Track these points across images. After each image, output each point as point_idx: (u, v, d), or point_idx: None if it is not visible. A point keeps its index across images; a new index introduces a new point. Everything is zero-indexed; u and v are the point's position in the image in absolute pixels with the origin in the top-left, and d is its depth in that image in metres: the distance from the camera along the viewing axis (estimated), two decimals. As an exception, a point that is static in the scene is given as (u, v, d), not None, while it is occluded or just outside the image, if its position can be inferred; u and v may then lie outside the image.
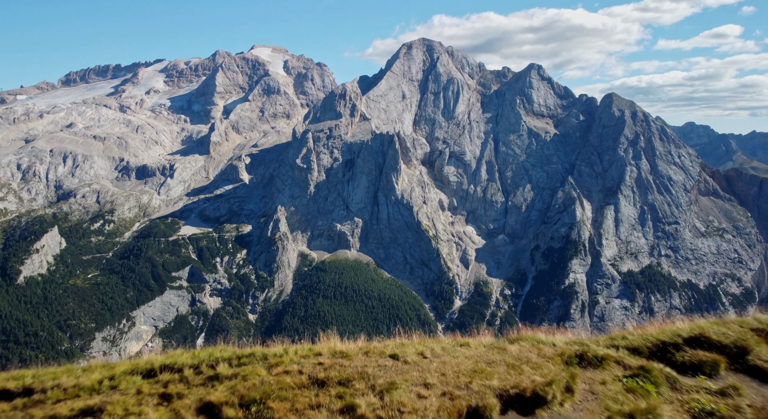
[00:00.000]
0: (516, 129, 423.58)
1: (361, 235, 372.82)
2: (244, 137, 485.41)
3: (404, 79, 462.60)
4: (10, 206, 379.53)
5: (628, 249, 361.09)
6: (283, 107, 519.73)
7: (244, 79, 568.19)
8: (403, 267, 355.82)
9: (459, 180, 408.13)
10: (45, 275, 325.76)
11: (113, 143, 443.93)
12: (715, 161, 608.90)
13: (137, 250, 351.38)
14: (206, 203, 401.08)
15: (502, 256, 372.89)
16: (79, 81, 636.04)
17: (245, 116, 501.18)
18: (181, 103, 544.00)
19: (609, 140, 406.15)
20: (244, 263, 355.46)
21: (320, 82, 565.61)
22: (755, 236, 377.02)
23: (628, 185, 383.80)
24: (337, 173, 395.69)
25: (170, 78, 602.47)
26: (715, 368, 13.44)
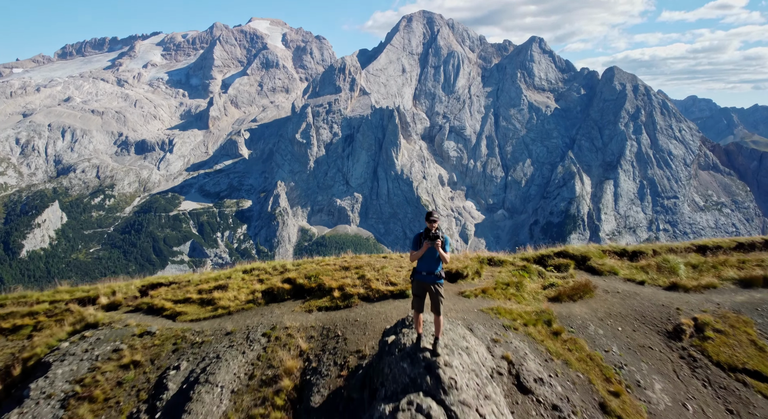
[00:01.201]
0: (516, 103, 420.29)
1: (361, 210, 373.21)
2: (243, 111, 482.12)
3: (404, 53, 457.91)
4: (10, 181, 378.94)
5: (626, 223, 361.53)
6: (282, 81, 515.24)
7: (242, 52, 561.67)
8: (402, 242, 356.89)
9: (459, 155, 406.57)
10: (47, 249, 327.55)
11: (111, 118, 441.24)
12: (717, 135, 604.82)
13: (138, 225, 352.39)
14: (206, 178, 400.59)
15: (501, 231, 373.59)
16: (75, 54, 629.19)
17: (244, 91, 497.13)
18: (179, 77, 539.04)
19: (610, 114, 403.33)
20: (244, 238, 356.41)
21: (319, 56, 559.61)
22: (754, 210, 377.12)
23: (628, 159, 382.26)
24: (337, 148, 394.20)
25: (167, 51, 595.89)
26: (567, 267, 22.04)
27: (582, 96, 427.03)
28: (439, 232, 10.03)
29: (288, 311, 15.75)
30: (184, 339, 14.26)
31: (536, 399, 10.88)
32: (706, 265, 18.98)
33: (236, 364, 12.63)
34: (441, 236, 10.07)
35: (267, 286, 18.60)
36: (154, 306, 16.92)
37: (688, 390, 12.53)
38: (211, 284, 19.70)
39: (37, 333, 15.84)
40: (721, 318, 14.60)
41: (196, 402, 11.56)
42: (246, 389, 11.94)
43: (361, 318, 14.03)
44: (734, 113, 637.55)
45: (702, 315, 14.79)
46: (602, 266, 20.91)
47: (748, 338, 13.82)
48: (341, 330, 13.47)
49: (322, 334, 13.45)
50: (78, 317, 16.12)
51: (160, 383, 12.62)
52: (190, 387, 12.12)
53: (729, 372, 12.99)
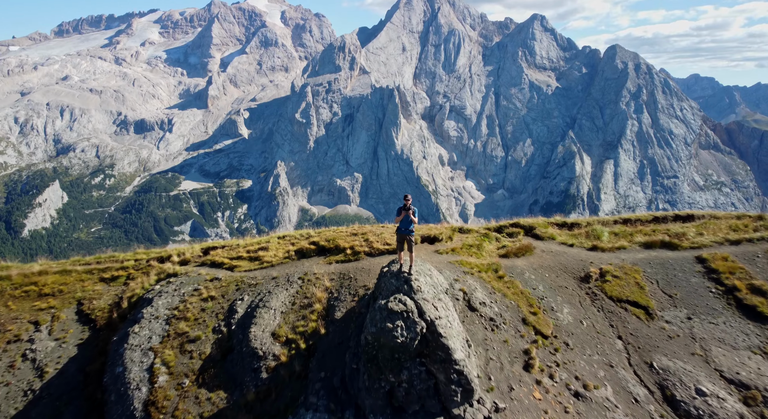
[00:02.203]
0: (517, 82, 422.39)
1: (361, 190, 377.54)
2: (242, 90, 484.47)
3: (404, 31, 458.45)
4: (10, 160, 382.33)
5: (626, 203, 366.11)
6: (281, 60, 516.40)
7: (240, 30, 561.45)
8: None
9: (459, 135, 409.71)
10: (49, 228, 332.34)
11: (110, 97, 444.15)
12: (718, 113, 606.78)
13: (139, 204, 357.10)
14: (206, 158, 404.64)
15: (501, 211, 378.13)
16: (72, 32, 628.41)
17: (243, 70, 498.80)
18: (177, 55, 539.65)
19: (611, 93, 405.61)
20: (245, 217, 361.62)
21: (319, 34, 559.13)
22: (753, 189, 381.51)
23: (628, 139, 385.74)
24: (337, 128, 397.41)
25: (165, 29, 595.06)
26: (518, 234, 27.83)
27: (583, 75, 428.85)
28: (411, 206, 16.06)
29: (314, 263, 21.96)
30: (242, 282, 20.64)
31: (480, 314, 17.29)
32: (625, 233, 25.33)
33: (282, 296, 19.01)
34: (412, 208, 16.00)
35: (298, 247, 24.16)
36: (216, 262, 23.21)
37: (586, 313, 18.98)
38: (255, 246, 24.94)
39: (131, 281, 22.26)
40: (620, 268, 21.03)
41: (259, 318, 17.99)
42: (290, 310, 18.34)
43: (366, 266, 20.34)
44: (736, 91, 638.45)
45: (607, 266, 21.24)
46: (544, 234, 26.61)
47: (635, 281, 20.25)
48: (353, 274, 19.79)
49: (339, 277, 19.79)
50: (159, 269, 22.54)
51: (231, 308, 19.07)
52: (253, 310, 18.53)
53: (617, 302, 19.45)
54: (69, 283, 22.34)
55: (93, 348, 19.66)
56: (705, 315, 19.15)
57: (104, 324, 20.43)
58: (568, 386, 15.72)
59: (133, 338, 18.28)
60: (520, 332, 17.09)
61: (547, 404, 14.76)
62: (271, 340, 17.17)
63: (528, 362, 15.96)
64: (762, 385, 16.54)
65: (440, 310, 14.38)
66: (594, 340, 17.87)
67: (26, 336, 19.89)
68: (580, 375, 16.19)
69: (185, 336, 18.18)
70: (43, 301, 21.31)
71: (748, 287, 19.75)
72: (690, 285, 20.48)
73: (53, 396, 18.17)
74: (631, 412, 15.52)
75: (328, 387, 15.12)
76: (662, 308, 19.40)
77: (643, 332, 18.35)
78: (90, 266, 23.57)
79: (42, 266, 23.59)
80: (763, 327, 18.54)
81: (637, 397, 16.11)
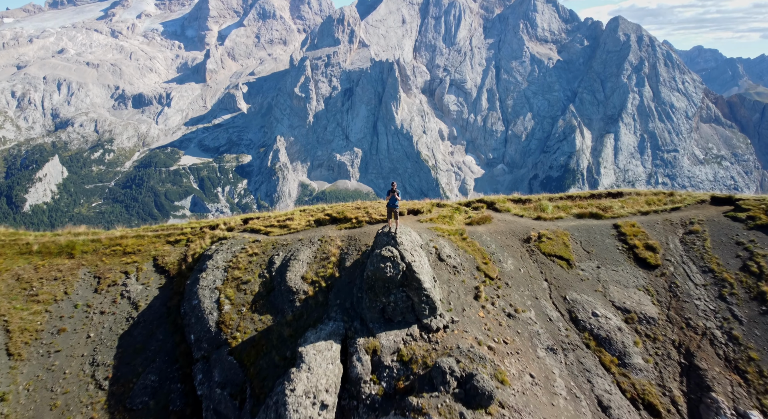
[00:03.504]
0: (518, 55, 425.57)
1: (360, 165, 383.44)
2: (240, 64, 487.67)
3: (404, 3, 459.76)
4: (9, 135, 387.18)
5: (625, 177, 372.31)
6: (279, 33, 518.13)
7: (237, 2, 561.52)
8: (402, 197, 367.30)
9: (459, 109, 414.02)
10: (50, 203, 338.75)
11: (107, 70, 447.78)
12: (721, 86, 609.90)
13: (139, 179, 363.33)
14: (205, 133, 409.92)
15: (501, 185, 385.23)
16: (66, 3, 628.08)
17: (241, 43, 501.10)
18: (174, 28, 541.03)
19: (613, 66, 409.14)
20: (245, 192, 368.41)
21: (317, 6, 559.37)
22: (753, 162, 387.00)
23: (629, 112, 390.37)
24: (336, 103, 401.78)
25: (161, 1, 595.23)
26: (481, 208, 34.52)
27: (585, 47, 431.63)
28: (396, 189, 23.89)
29: (329, 229, 29.90)
30: (277, 243, 28.72)
31: (446, 263, 25.36)
32: (565, 206, 33.19)
33: (307, 252, 27.07)
34: (397, 191, 23.78)
35: (316, 217, 31.58)
36: (254, 229, 31.23)
37: (524, 264, 27.08)
38: (283, 217, 32.50)
39: (191, 243, 30.35)
40: (554, 232, 29.06)
41: (291, 267, 26.12)
42: (313, 261, 26.44)
43: (367, 231, 28.26)
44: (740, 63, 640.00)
45: (544, 231, 29.25)
46: (502, 207, 33.69)
47: (563, 241, 28.30)
48: (357, 236, 27.74)
49: (348, 238, 27.76)
50: (212, 235, 30.62)
51: (271, 261, 27.20)
52: (286, 262, 26.67)
53: (547, 256, 27.53)
54: (144, 244, 30.46)
55: (169, 290, 27.92)
56: (610, 265, 27.27)
57: (175, 273, 28.67)
58: (503, 310, 23.84)
59: (203, 281, 26.49)
60: (474, 275, 25.14)
61: (487, 320, 22.86)
62: (301, 281, 25.32)
63: (477, 294, 24.04)
64: (639, 310, 24.74)
65: (415, 256, 22.42)
66: (527, 281, 25.99)
67: (120, 281, 28.15)
68: (513, 303, 24.33)
69: (239, 279, 26.38)
70: (128, 257, 29.50)
71: (644, 245, 27.79)
72: (604, 244, 28.55)
73: (147, 321, 26.46)
74: (546, 326, 23.71)
75: (342, 308, 23.27)
76: (580, 260, 27.50)
77: (563, 276, 26.46)
78: (157, 232, 31.63)
79: (121, 232, 31.76)
80: (649, 272, 26.67)
81: (551, 317, 24.29)
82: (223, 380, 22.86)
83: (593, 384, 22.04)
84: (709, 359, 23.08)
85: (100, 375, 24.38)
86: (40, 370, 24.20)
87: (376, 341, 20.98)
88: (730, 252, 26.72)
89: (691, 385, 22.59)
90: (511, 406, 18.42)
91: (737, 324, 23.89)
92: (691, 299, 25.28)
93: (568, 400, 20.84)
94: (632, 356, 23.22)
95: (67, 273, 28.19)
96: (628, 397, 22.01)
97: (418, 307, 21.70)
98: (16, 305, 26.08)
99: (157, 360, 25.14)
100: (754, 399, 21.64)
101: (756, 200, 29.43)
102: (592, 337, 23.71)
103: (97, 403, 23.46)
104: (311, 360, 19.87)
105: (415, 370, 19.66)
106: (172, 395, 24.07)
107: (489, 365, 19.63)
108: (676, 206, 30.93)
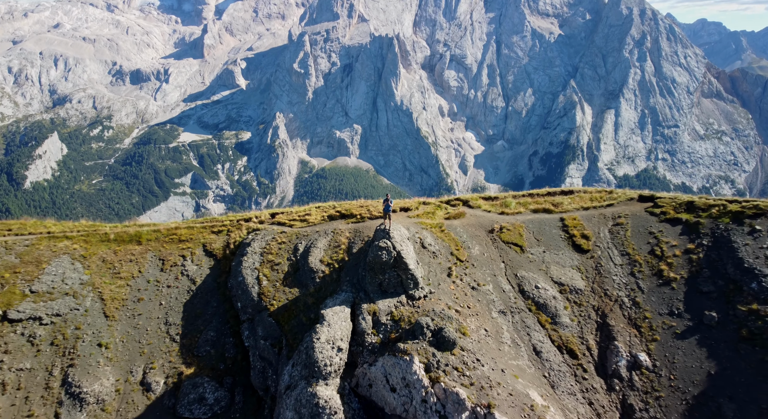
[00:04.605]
0: (519, 30, 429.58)
1: (360, 142, 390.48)
2: (238, 39, 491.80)
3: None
4: (7, 111, 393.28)
5: (625, 153, 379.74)
6: (277, 7, 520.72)
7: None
8: (402, 174, 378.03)
9: (459, 85, 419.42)
10: (50, 180, 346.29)
11: (104, 46, 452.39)
12: (724, 60, 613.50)
13: (138, 157, 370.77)
14: (204, 110, 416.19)
15: (501, 162, 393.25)
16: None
17: (238, 17, 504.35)
18: (171, 2, 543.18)
19: (614, 40, 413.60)
20: (245, 170, 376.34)
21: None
22: (754, 137, 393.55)
23: (630, 88, 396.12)
24: (336, 79, 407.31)
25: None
26: (458, 205, 44.23)
27: (587, 22, 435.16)
28: (390, 200, 33.10)
29: (339, 223, 39.28)
30: (300, 233, 38.15)
31: (427, 250, 34.81)
32: (525, 203, 42.46)
33: (323, 241, 36.53)
34: (390, 201, 33.01)
35: (329, 213, 40.27)
36: (281, 222, 40.56)
37: (487, 249, 36.55)
38: (302, 213, 41.11)
39: (231, 233, 39.78)
40: (513, 225, 38.45)
41: (312, 252, 35.62)
42: (328, 248, 35.88)
43: (369, 225, 37.58)
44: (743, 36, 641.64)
45: (505, 224, 38.62)
46: (475, 204, 42.36)
47: (519, 232, 37.74)
48: (361, 229, 37.10)
49: (354, 231, 37.14)
50: (247, 227, 40.03)
51: (295, 247, 36.71)
52: (308, 248, 36.15)
53: (506, 243, 36.99)
54: (194, 234, 39.90)
55: (217, 269, 37.50)
56: (553, 250, 36.74)
57: (221, 256, 38.22)
58: (469, 284, 33.33)
59: (245, 262, 36.06)
60: (448, 258, 34.58)
61: (456, 291, 32.33)
62: (320, 263, 34.83)
63: (449, 272, 33.48)
64: (570, 284, 34.27)
65: (403, 246, 31.85)
66: (488, 263, 35.47)
67: (179, 262, 37.69)
68: (476, 279, 33.82)
69: (272, 262, 35.91)
70: (183, 244, 38.98)
71: (581, 234, 37.21)
72: (551, 234, 37.99)
73: (203, 293, 36.07)
74: (500, 296, 33.24)
75: (350, 283, 32.79)
76: (531, 246, 36.98)
77: (516, 259, 35.94)
78: (204, 224, 41.03)
79: (175, 224, 41.22)
80: (582, 255, 36.15)
81: (504, 290, 33.83)
82: (265, 335, 32.51)
83: (531, 336, 31.64)
84: (617, 318, 32.62)
85: (173, 332, 34.06)
86: (129, 328, 33.85)
87: (375, 306, 30.48)
88: (643, 240, 36.10)
89: (602, 337, 32.22)
90: (469, 350, 27.92)
91: (640, 293, 33.38)
92: (610, 276, 34.77)
93: (511, 346, 30.42)
94: (561, 317, 32.79)
95: (139, 256, 37.65)
96: (556, 345, 31.60)
97: (405, 282, 31.19)
98: (105, 280, 35.59)
99: (213, 321, 34.79)
100: (644, 345, 31.20)
101: (669, 198, 38.70)
102: (533, 303, 33.28)
103: (173, 351, 33.16)
104: (330, 319, 29.42)
105: (402, 326, 29.15)
106: (226, 346, 33.79)
107: (455, 322, 29.12)
108: (611, 203, 40.26)
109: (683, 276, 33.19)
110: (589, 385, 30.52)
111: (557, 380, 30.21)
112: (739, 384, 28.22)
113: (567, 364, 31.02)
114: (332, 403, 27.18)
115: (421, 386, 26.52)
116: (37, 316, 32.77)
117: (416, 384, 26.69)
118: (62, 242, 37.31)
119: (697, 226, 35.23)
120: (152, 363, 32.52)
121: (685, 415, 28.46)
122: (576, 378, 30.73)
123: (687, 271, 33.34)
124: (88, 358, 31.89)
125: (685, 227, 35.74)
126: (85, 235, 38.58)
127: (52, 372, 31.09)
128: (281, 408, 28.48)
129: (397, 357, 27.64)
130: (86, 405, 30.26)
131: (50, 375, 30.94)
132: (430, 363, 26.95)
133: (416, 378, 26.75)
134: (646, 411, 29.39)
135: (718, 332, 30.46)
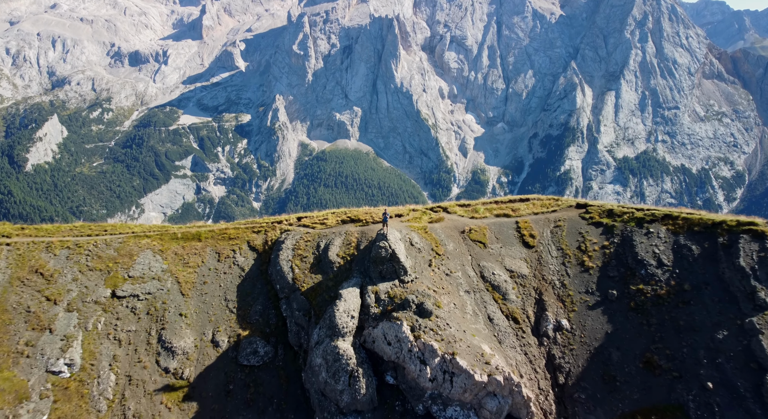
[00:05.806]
0: (520, 10, 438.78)
1: (360, 124, 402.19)
2: (237, 20, 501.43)
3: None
4: (6, 93, 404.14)
5: (625, 135, 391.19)
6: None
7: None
8: (402, 156, 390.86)
9: (459, 67, 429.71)
10: (51, 163, 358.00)
11: (102, 27, 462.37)
12: (726, 40, 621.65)
13: (139, 139, 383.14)
14: (203, 92, 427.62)
15: (501, 144, 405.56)
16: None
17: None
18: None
19: (616, 21, 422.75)
20: (245, 152, 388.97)
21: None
22: (754, 119, 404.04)
23: (631, 69, 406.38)
24: (335, 61, 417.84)
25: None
26: (439, 211, 57.77)
27: (588, 2, 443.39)
28: (387, 212, 47.71)
29: (350, 226, 53.77)
30: (320, 234, 52.77)
31: (414, 247, 49.53)
32: (491, 209, 56.90)
33: (339, 240, 51.15)
34: (388, 215, 47.55)
35: (342, 218, 54.13)
36: (305, 224, 55.08)
37: (459, 246, 51.26)
38: (322, 217, 55.33)
39: (268, 233, 54.42)
40: (479, 226, 53.06)
41: (330, 248, 50.36)
42: (342, 245, 50.53)
43: (373, 228, 52.00)
44: (747, 16, 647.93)
45: (473, 226, 53.21)
46: (452, 211, 56.27)
47: (483, 232, 52.41)
48: (367, 231, 51.58)
49: (361, 232, 51.64)
50: (280, 228, 54.62)
51: (318, 244, 51.44)
52: (327, 245, 50.89)
53: (473, 241, 51.69)
54: (240, 233, 54.54)
55: (260, 261, 52.19)
56: (509, 246, 51.37)
57: (262, 251, 52.93)
58: (444, 272, 47.97)
59: (281, 255, 50.76)
60: (429, 253, 49.18)
61: (434, 277, 46.97)
62: (336, 256, 49.51)
63: (430, 263, 48.09)
64: (518, 271, 48.99)
65: (397, 245, 46.47)
66: (460, 256, 50.10)
67: (230, 255, 52.39)
68: (450, 268, 48.45)
69: (301, 255, 50.59)
70: (232, 241, 53.64)
71: (529, 234, 51.81)
72: (507, 234, 52.61)
73: (250, 278, 50.81)
74: (466, 280, 47.95)
75: (359, 271, 47.48)
76: (491, 243, 51.62)
77: (480, 253, 50.60)
78: (246, 225, 55.64)
79: (224, 224, 55.81)
80: (529, 250, 50.82)
81: (470, 275, 48.55)
82: (298, 308, 47.33)
83: (487, 308, 46.41)
84: (549, 295, 47.34)
85: (231, 306, 48.87)
86: (200, 303, 48.64)
87: (377, 287, 45.22)
88: (574, 238, 50.72)
89: (538, 308, 47.01)
90: (441, 317, 42.63)
91: (567, 278, 48.09)
92: (547, 265, 49.45)
93: (472, 315, 45.18)
94: (510, 294, 47.56)
95: (200, 250, 52.34)
96: (504, 314, 46.39)
97: (398, 271, 45.89)
98: (179, 268, 50.30)
99: (260, 298, 49.58)
100: (566, 314, 45.95)
101: (597, 206, 53.29)
102: (490, 285, 48.01)
103: (232, 319, 48.00)
104: (346, 296, 44.17)
105: (396, 301, 43.87)
106: (270, 315, 48.66)
107: (432, 298, 43.80)
108: (555, 209, 54.85)
109: (598, 265, 47.84)
110: (526, 342, 45.24)
111: (503, 338, 44.92)
112: (624, 340, 42.97)
113: (511, 328, 45.74)
114: (348, 352, 41.90)
115: (408, 341, 41.11)
116: (135, 294, 47.55)
117: (405, 340, 41.29)
118: (144, 240, 51.93)
119: (612, 228, 49.80)
120: (218, 328, 47.26)
121: (588, 361, 43.22)
122: (517, 337, 45.43)
123: (601, 261, 47.98)
124: (173, 324, 46.66)
125: (605, 228, 50.30)
126: (160, 234, 53.19)
127: (150, 332, 45.91)
128: (312, 357, 43.22)
129: (392, 322, 42.29)
130: (176, 355, 45.09)
131: (149, 335, 45.77)
132: (414, 326, 41.56)
133: (405, 336, 41.35)
134: (563, 358, 44.12)
135: (616, 304, 45.09)
